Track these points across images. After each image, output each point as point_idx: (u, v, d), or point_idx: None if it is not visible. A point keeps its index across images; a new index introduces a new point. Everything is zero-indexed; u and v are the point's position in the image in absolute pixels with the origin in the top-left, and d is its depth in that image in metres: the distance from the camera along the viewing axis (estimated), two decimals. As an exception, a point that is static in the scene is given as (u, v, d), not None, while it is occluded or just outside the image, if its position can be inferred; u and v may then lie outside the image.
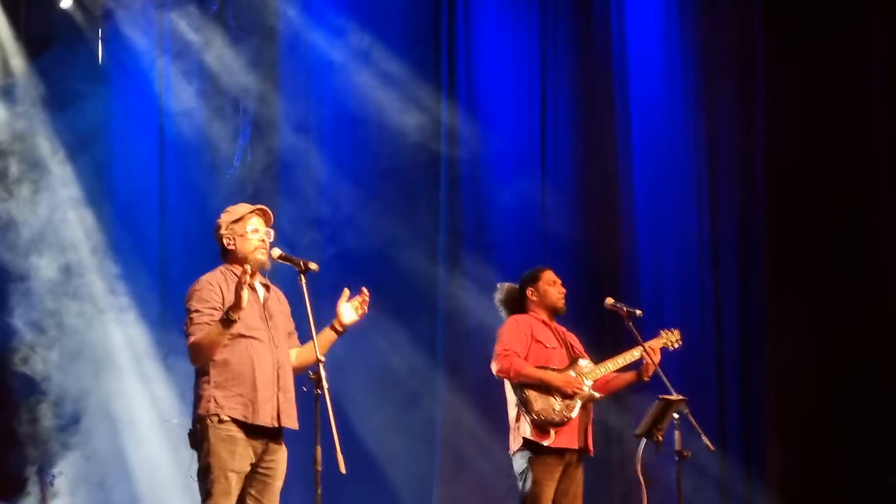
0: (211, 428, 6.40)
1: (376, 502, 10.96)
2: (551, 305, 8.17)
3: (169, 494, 10.85)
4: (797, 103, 10.90)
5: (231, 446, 6.40)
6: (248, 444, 6.45)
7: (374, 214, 11.26)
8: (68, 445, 10.65)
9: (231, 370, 6.45)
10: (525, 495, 7.82)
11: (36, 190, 10.99)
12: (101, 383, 10.87)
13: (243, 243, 6.64)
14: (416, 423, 11.16)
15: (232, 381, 6.44)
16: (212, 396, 6.43)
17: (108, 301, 11.02)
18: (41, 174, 11.03)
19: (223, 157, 11.54)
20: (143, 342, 11.07)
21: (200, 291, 6.53)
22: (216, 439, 6.39)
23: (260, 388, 6.45)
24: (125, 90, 11.52)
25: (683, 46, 11.39)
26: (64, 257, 10.93)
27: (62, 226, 11.01)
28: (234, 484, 6.42)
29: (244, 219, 6.68)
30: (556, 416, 7.85)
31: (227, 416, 6.41)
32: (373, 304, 10.99)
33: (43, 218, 10.94)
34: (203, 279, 6.58)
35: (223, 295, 6.48)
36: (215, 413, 6.42)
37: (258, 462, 6.52)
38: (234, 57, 11.39)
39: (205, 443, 6.42)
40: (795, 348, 10.98)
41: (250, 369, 6.46)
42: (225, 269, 6.65)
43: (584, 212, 11.43)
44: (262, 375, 6.47)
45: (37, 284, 10.81)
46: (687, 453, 7.79)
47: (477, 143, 11.42)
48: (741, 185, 11.19)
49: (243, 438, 6.43)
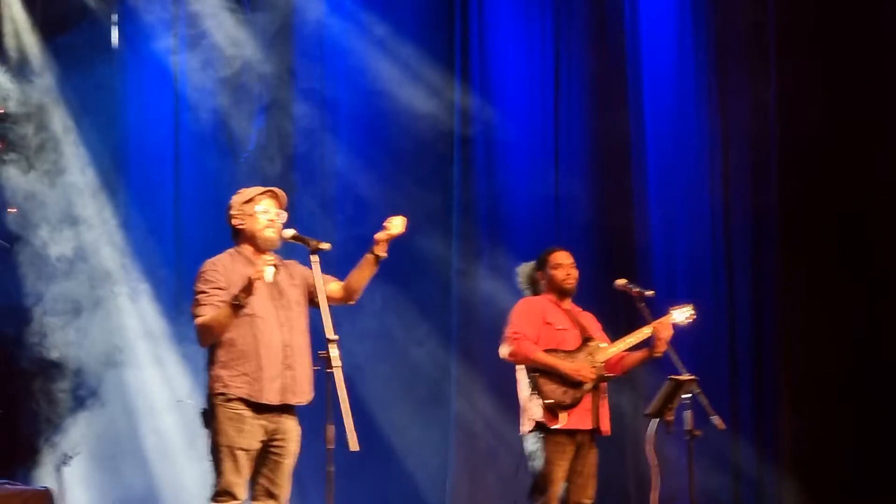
0: (219, 407, 6.54)
1: (391, 486, 11.00)
2: (558, 287, 8.20)
3: (182, 474, 10.91)
4: (810, 91, 10.88)
5: (238, 424, 6.51)
6: (257, 423, 6.55)
7: (389, 198, 11.25)
8: (83, 425, 10.70)
9: (236, 349, 6.56)
10: (537, 475, 7.85)
11: (51, 172, 11.03)
12: (116, 363, 10.92)
13: (252, 222, 6.74)
14: (430, 407, 11.19)
15: (237, 361, 6.55)
16: (219, 376, 6.56)
17: (123, 282, 11.07)
18: (57, 157, 11.06)
19: (238, 142, 11.56)
20: (158, 324, 11.12)
21: (205, 273, 6.64)
22: (224, 418, 6.52)
23: (265, 367, 6.54)
24: (140, 74, 11.54)
25: (696, 29, 11.38)
26: (79, 239, 10.96)
27: (78, 209, 11.04)
28: (244, 462, 6.52)
29: (254, 200, 6.78)
30: (566, 399, 7.87)
31: (233, 395, 6.52)
32: (386, 286, 11.14)
33: (59, 199, 10.98)
34: (208, 262, 6.69)
35: (228, 276, 6.57)
36: (222, 392, 6.53)
37: (269, 441, 6.60)
38: (249, 41, 11.41)
39: (214, 422, 6.55)
40: (808, 329, 10.98)
41: (254, 348, 6.55)
42: (234, 251, 6.77)
43: (597, 194, 11.42)
44: (268, 354, 6.55)
45: (52, 264, 10.85)
46: (698, 433, 7.83)
47: (490, 128, 11.44)
48: (754, 169, 11.18)
49: (251, 416, 6.53)
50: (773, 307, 11.02)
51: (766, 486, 10.87)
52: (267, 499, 6.64)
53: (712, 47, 11.31)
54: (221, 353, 6.57)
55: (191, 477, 10.81)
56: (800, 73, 10.98)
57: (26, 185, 10.93)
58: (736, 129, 11.28)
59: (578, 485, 7.95)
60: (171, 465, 10.94)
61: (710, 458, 10.11)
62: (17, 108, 11.01)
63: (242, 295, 6.39)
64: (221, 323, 6.47)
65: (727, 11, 11.32)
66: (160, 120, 11.55)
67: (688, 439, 7.83)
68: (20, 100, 11.02)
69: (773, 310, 11.02)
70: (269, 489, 6.64)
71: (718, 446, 10.31)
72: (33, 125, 11.01)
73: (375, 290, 10.92)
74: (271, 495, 6.64)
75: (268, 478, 6.63)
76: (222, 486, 6.51)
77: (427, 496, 11.14)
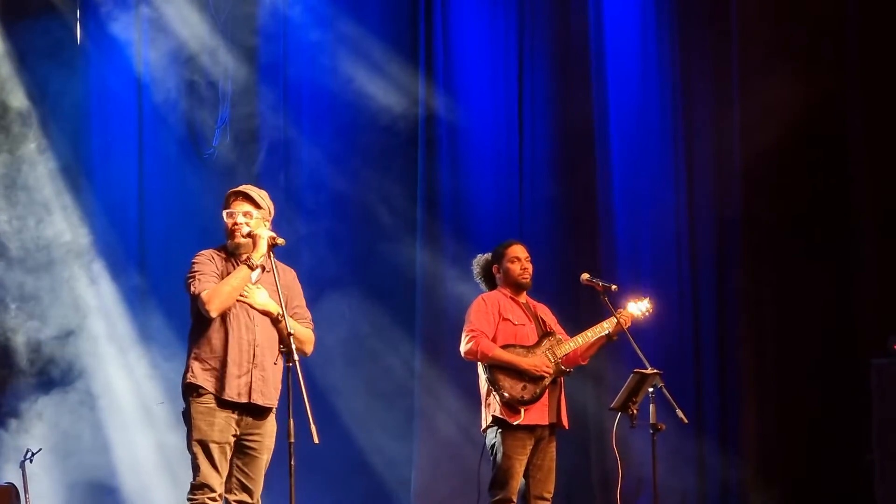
0: (193, 403, 6.64)
1: (354, 478, 10.99)
2: (514, 281, 8.20)
3: (149, 473, 10.89)
4: (773, 78, 10.92)
5: (209, 418, 6.60)
6: (228, 417, 6.63)
7: (353, 192, 11.28)
8: (46, 421, 10.65)
9: (209, 345, 6.67)
10: (497, 469, 7.87)
11: (13, 168, 10.96)
12: (80, 359, 10.86)
13: (225, 230, 6.83)
14: (393, 399, 11.19)
15: (208, 355, 6.66)
16: (191, 367, 6.68)
17: (86, 277, 11.01)
18: (20, 155, 10.99)
19: (202, 136, 11.51)
20: (122, 318, 11.06)
21: (201, 257, 6.77)
22: (196, 413, 6.63)
23: (230, 365, 6.63)
24: (103, 70, 11.44)
25: (659, 17, 11.42)
26: (41, 234, 10.89)
27: (40, 204, 10.97)
28: (218, 455, 6.60)
29: (225, 203, 6.84)
30: (524, 395, 7.89)
31: (203, 389, 6.62)
32: (351, 280, 11.10)
33: (21, 196, 10.91)
34: (197, 255, 6.78)
35: (218, 267, 6.72)
36: (191, 382, 6.64)
37: (242, 435, 6.69)
38: (212, 37, 11.36)
39: (189, 418, 6.65)
40: (772, 323, 11.04)
41: (223, 345, 6.65)
42: (214, 251, 6.85)
43: (562, 188, 11.45)
44: (235, 352, 6.64)
45: (15, 258, 10.79)
46: (662, 426, 7.87)
47: (454, 120, 11.42)
48: (717, 160, 11.23)
49: (220, 410, 6.61)
50: (738, 301, 11.07)
51: (730, 479, 10.92)
52: (241, 492, 6.71)
53: (675, 38, 11.35)
54: (196, 346, 6.70)
55: (158, 478, 10.81)
56: (763, 53, 11.04)
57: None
58: (700, 119, 11.32)
59: (538, 479, 7.95)
60: (137, 464, 10.90)
61: (674, 452, 10.15)
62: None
63: (255, 254, 6.59)
64: (234, 286, 6.59)
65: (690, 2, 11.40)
66: (124, 116, 11.45)
67: (652, 433, 7.86)
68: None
69: (738, 304, 11.07)
70: (244, 483, 6.71)
71: (682, 440, 10.35)
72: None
73: (338, 281, 10.94)
74: (245, 489, 6.71)
75: (243, 472, 6.71)
76: (199, 479, 6.59)
77: (391, 490, 11.14)
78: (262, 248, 6.61)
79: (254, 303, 6.67)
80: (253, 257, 6.60)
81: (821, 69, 10.89)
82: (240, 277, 6.61)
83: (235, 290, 6.60)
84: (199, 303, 6.59)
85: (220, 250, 6.82)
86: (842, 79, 10.97)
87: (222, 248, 6.83)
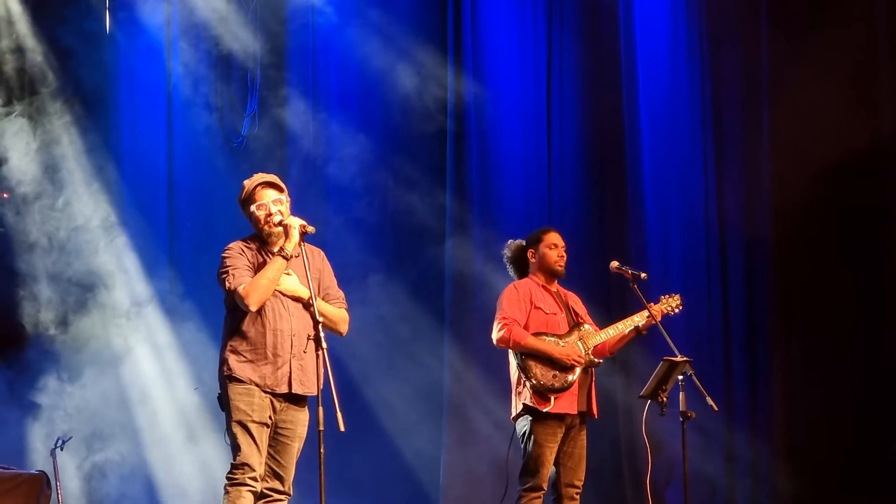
0: (230, 386, 6.68)
1: (383, 466, 11.01)
2: (549, 269, 8.18)
3: (177, 458, 10.93)
4: (802, 76, 10.87)
5: (248, 398, 6.64)
6: (266, 398, 6.67)
7: (382, 180, 11.28)
8: (78, 410, 10.70)
9: (245, 338, 6.70)
10: (528, 457, 7.87)
11: (44, 158, 11.00)
12: (110, 348, 10.91)
13: (254, 222, 6.84)
14: (423, 388, 11.19)
15: (245, 347, 6.70)
16: (227, 359, 6.71)
17: (116, 266, 11.05)
18: (49, 141, 11.02)
19: (231, 127, 11.54)
20: (153, 308, 11.10)
21: (231, 250, 6.78)
22: (234, 394, 6.66)
23: (269, 356, 6.67)
24: (133, 59, 11.48)
25: (689, 13, 11.37)
26: (73, 223, 10.94)
27: (70, 193, 11.01)
28: (258, 434, 6.64)
29: (252, 195, 6.83)
30: (555, 383, 7.87)
31: (240, 378, 6.67)
32: (381, 269, 11.10)
33: (51, 185, 10.96)
34: (231, 245, 6.80)
35: (249, 260, 6.74)
36: (229, 375, 6.69)
37: (277, 421, 6.73)
38: (241, 26, 11.38)
39: (227, 401, 6.69)
40: (802, 312, 11.00)
41: (261, 336, 6.69)
42: (244, 243, 6.85)
43: (591, 176, 11.44)
44: (273, 344, 6.68)
45: (44, 250, 10.84)
46: (691, 414, 7.85)
47: (483, 109, 11.42)
48: (747, 152, 11.18)
49: (259, 392, 6.66)
50: (768, 290, 11.03)
51: (760, 467, 10.89)
52: (273, 480, 6.75)
53: (705, 27, 11.31)
54: (231, 339, 6.72)
55: (187, 462, 10.86)
56: (792, 55, 10.98)
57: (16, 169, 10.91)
58: (730, 111, 11.27)
59: (569, 467, 7.95)
60: (165, 450, 10.94)
61: (703, 440, 10.13)
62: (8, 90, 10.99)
63: (287, 244, 6.61)
64: (271, 278, 6.61)
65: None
66: (153, 105, 11.49)
67: (682, 421, 7.84)
68: (12, 81, 10.98)
69: (768, 292, 11.03)
70: (276, 470, 6.75)
71: (712, 428, 10.33)
72: (25, 108, 10.97)
73: (368, 271, 10.94)
74: (277, 476, 6.75)
75: (275, 459, 6.74)
76: (239, 458, 6.61)
77: (421, 477, 11.15)
78: (295, 236, 6.63)
79: (284, 289, 6.68)
80: (286, 247, 6.62)
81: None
82: (276, 269, 6.62)
83: (273, 282, 6.62)
84: (238, 298, 6.60)
85: (248, 241, 6.83)
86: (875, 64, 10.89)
87: (251, 239, 6.84)
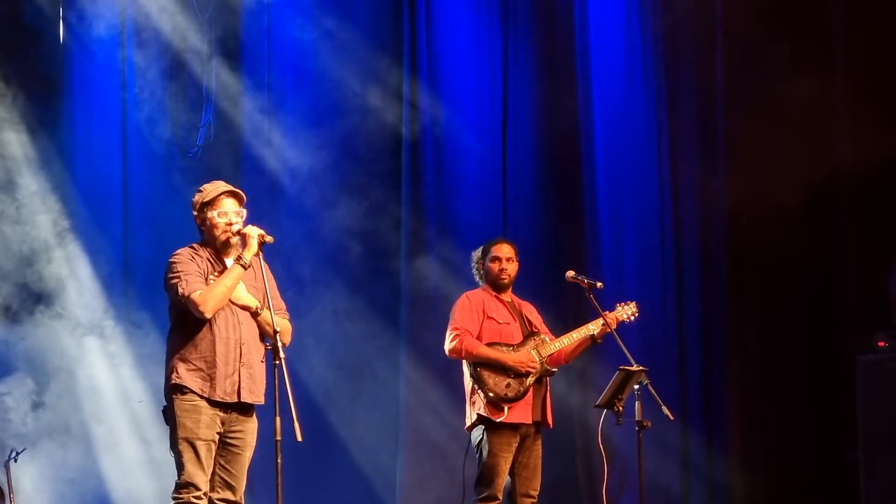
0: (177, 401, 6.61)
1: (339, 475, 10.99)
2: (492, 281, 8.20)
3: (133, 469, 10.88)
4: (757, 87, 10.93)
5: (195, 415, 6.59)
6: (214, 414, 6.62)
7: (338, 191, 11.25)
8: (32, 423, 10.63)
9: (194, 345, 6.65)
10: (483, 466, 7.87)
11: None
12: (66, 361, 10.84)
13: (212, 231, 6.78)
14: (378, 397, 11.19)
15: (194, 356, 6.64)
16: (175, 367, 6.64)
17: (71, 279, 10.98)
18: (3, 158, 10.96)
19: (186, 137, 11.50)
20: (108, 319, 11.04)
21: (180, 256, 6.72)
22: (181, 411, 6.60)
23: (219, 365, 6.63)
24: (87, 69, 11.43)
25: (643, 19, 11.43)
26: (28, 237, 10.86)
27: (25, 207, 10.94)
28: (204, 452, 6.59)
29: (215, 202, 6.78)
30: (509, 393, 7.88)
31: (188, 388, 6.60)
32: (335, 279, 11.08)
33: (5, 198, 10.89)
34: (179, 251, 6.73)
35: (199, 266, 6.69)
36: (177, 383, 6.60)
37: (226, 432, 6.68)
38: (196, 35, 11.34)
39: (173, 416, 6.62)
40: (757, 320, 11.05)
41: (211, 345, 6.64)
42: (197, 245, 6.81)
43: (546, 185, 11.46)
44: (222, 352, 6.63)
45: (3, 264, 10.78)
46: (647, 423, 7.87)
47: (439, 119, 11.43)
48: (702, 162, 11.23)
49: (207, 407, 6.61)
50: (722, 297, 11.08)
51: (715, 476, 10.93)
52: (224, 490, 6.71)
53: (660, 37, 11.36)
54: (180, 346, 6.67)
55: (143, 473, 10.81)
56: (745, 58, 11.05)
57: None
58: (685, 118, 11.32)
59: (524, 477, 7.95)
60: (121, 462, 10.89)
61: (659, 449, 10.16)
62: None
63: (246, 252, 6.57)
64: (229, 286, 6.57)
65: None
66: (108, 114, 11.42)
67: (637, 430, 7.86)
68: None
69: (722, 300, 11.08)
70: (227, 480, 6.71)
71: (668, 437, 10.36)
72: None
73: (323, 284, 10.93)
74: (228, 486, 6.71)
75: (226, 469, 6.71)
76: (184, 478, 6.57)
77: (377, 487, 11.14)
78: (254, 246, 6.59)
79: (234, 298, 6.65)
80: (244, 256, 6.58)
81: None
82: (234, 277, 6.60)
83: (230, 290, 6.60)
84: (191, 304, 6.55)
85: (196, 248, 6.78)
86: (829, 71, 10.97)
87: (199, 246, 6.79)
